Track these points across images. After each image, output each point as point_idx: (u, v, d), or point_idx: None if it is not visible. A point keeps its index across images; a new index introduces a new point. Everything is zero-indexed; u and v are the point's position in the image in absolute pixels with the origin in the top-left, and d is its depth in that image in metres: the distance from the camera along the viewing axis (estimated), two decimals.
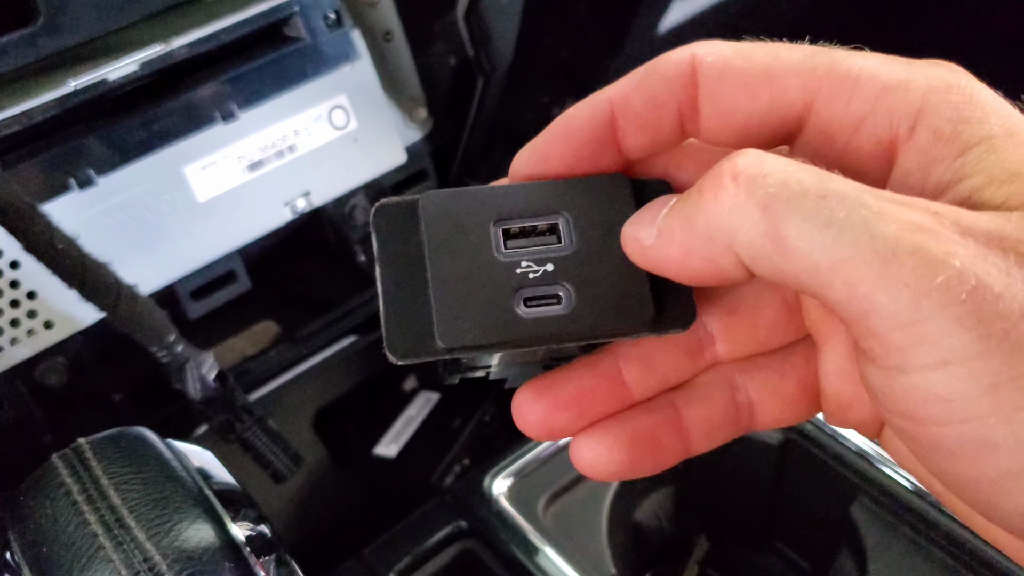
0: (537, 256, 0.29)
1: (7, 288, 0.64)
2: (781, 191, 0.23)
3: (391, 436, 0.96)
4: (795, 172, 0.24)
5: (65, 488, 0.40)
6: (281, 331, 0.82)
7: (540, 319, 0.28)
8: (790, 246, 0.23)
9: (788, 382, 0.32)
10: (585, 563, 0.68)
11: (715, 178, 0.25)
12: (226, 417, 0.68)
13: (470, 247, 0.28)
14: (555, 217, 0.29)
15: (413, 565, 0.70)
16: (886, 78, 0.26)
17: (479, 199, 0.29)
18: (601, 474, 0.30)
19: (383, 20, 0.82)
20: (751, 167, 0.24)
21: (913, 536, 0.68)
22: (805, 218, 0.23)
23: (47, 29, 0.63)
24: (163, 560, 0.37)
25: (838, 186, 0.23)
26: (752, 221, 0.23)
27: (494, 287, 0.28)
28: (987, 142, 0.25)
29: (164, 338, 0.63)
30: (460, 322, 0.28)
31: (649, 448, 0.30)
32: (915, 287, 0.21)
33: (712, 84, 0.28)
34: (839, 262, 0.22)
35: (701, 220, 0.25)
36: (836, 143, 0.28)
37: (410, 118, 0.85)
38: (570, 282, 0.28)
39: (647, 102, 0.29)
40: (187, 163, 0.71)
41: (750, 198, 0.24)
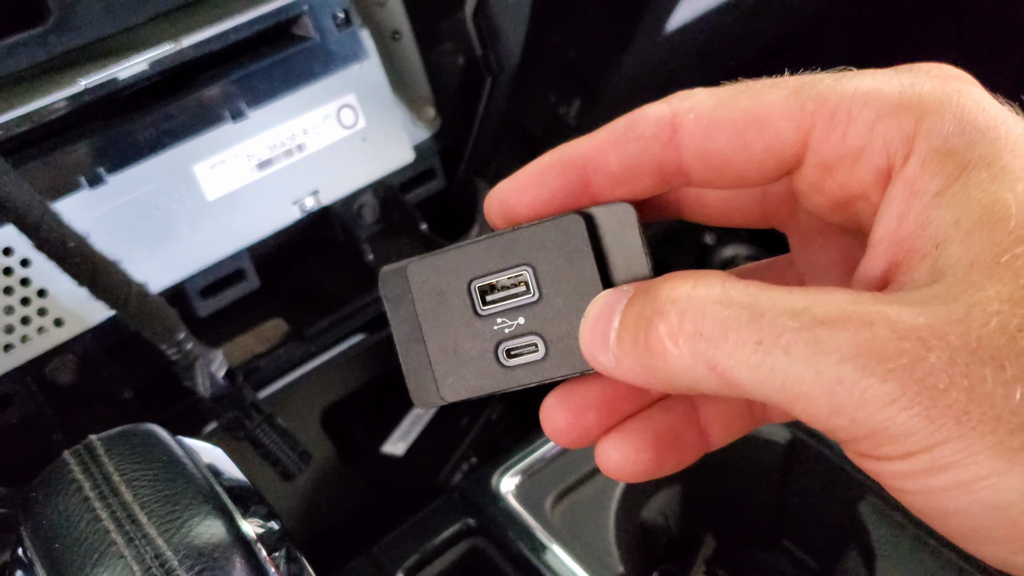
0: (511, 308, 0.31)
1: (18, 286, 0.65)
2: (721, 343, 0.24)
3: (399, 434, 0.97)
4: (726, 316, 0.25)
5: (77, 484, 0.41)
6: (290, 329, 0.82)
7: (523, 366, 0.31)
8: (748, 391, 0.25)
9: None
10: (592, 561, 0.68)
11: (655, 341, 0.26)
12: (235, 414, 0.69)
13: (453, 310, 0.32)
14: (521, 269, 0.31)
15: (421, 562, 0.70)
16: (878, 105, 0.26)
17: (456, 260, 0.32)
18: (629, 475, 0.31)
19: (392, 19, 0.82)
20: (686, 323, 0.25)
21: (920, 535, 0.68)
22: (751, 369, 0.24)
23: (57, 28, 0.63)
24: (174, 556, 0.37)
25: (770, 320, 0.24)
26: (704, 376, 0.25)
27: (478, 345, 0.32)
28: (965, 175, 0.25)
29: (174, 336, 0.63)
30: (456, 379, 0.32)
31: (673, 446, 0.31)
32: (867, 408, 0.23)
33: (699, 142, 0.28)
34: (793, 398, 0.24)
35: (658, 373, 0.26)
36: (836, 174, 0.28)
37: (418, 117, 0.85)
38: (541, 330, 0.31)
39: (623, 162, 0.29)
40: (196, 162, 0.71)
41: (696, 360, 0.25)
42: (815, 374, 0.23)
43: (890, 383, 0.23)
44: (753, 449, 0.76)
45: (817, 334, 0.24)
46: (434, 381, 0.32)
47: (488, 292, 0.31)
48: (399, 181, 0.85)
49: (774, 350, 0.24)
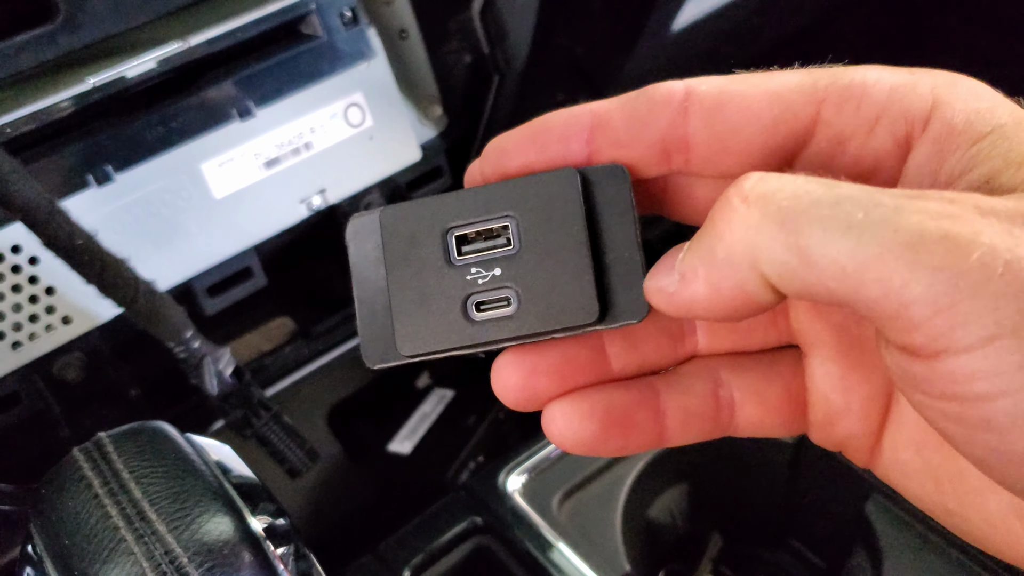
0: (487, 259, 0.29)
1: (26, 283, 0.65)
2: (794, 203, 0.23)
3: (405, 433, 0.97)
4: (803, 184, 0.24)
5: (86, 481, 0.41)
6: (297, 327, 0.82)
7: (491, 321, 0.29)
8: (814, 256, 0.23)
9: (773, 387, 0.31)
10: (599, 560, 0.68)
11: (725, 205, 0.25)
12: (242, 412, 0.69)
13: (424, 257, 0.30)
14: (504, 219, 0.29)
15: (428, 560, 0.70)
16: (891, 81, 0.27)
17: (434, 208, 0.30)
18: (569, 443, 0.30)
19: (399, 18, 0.82)
20: (758, 185, 0.24)
21: (927, 534, 0.68)
22: (824, 225, 0.23)
23: (66, 26, 0.64)
24: (184, 553, 0.38)
25: (849, 190, 0.23)
26: (772, 238, 0.23)
27: (446, 295, 0.30)
28: (999, 130, 0.25)
29: (181, 334, 0.63)
30: (417, 332, 0.29)
31: (622, 425, 0.30)
32: (949, 270, 0.21)
33: (709, 111, 0.28)
34: (867, 261, 0.22)
35: (720, 249, 0.24)
36: (848, 148, 0.27)
37: (425, 116, 0.86)
38: (517, 284, 0.29)
39: (628, 120, 0.29)
40: (204, 160, 0.71)
41: (765, 216, 0.23)
42: (895, 231, 0.22)
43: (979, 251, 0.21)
44: (760, 448, 0.76)
45: (900, 203, 0.22)
46: (392, 336, 0.30)
47: (465, 242, 0.30)
48: (406, 180, 0.85)
49: (853, 209, 0.22)
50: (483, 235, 0.30)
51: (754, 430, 0.31)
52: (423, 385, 1.02)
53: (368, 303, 0.30)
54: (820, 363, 0.30)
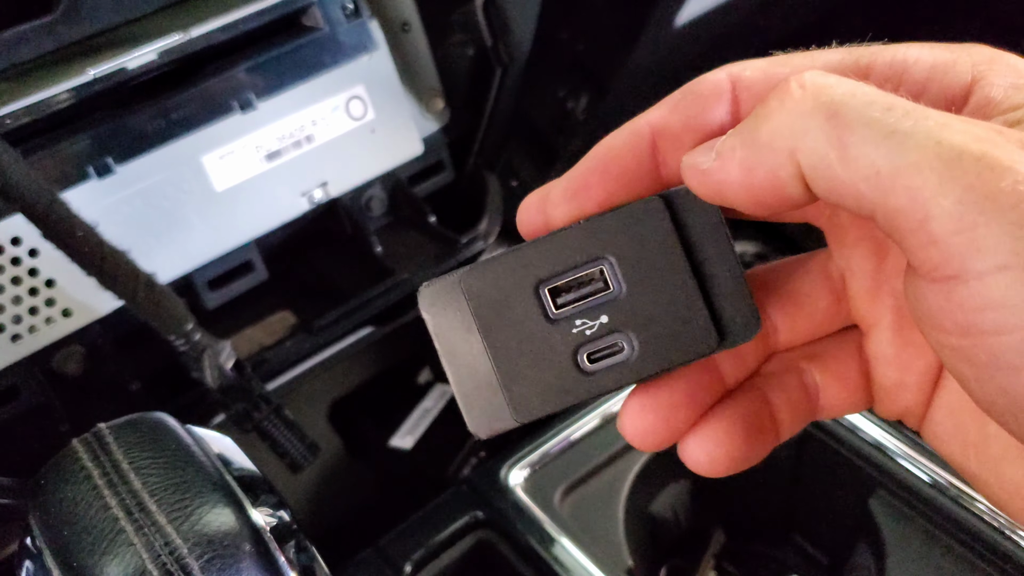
0: (590, 307, 0.29)
1: (26, 276, 0.65)
2: (848, 100, 0.23)
3: (407, 428, 0.96)
4: (860, 85, 0.24)
5: (86, 472, 0.40)
6: (298, 321, 0.82)
7: (607, 370, 0.29)
8: (853, 152, 0.23)
9: (848, 365, 0.32)
10: (601, 555, 0.68)
11: (780, 89, 0.25)
12: (243, 406, 0.68)
13: (520, 317, 0.29)
14: (598, 263, 0.28)
15: (429, 555, 0.70)
16: (932, 58, 0.27)
17: (517, 263, 0.29)
18: (721, 466, 0.30)
19: (401, 10, 0.82)
20: (819, 78, 0.24)
21: (931, 529, 0.67)
22: (870, 125, 0.23)
23: (66, 18, 0.63)
24: (184, 544, 0.37)
25: (902, 100, 0.23)
26: (818, 126, 0.24)
27: (554, 352, 0.29)
28: None
29: (182, 327, 0.63)
30: (530, 395, 0.29)
31: (759, 432, 0.30)
32: (979, 190, 0.21)
33: (759, 95, 0.28)
34: (902, 167, 0.22)
35: (765, 129, 0.25)
36: None
37: (427, 109, 0.85)
38: (629, 328, 0.28)
39: (686, 123, 0.29)
40: (205, 152, 0.71)
41: (817, 104, 0.24)
42: (936, 143, 0.22)
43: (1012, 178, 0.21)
44: None
45: (948, 119, 0.23)
46: (505, 402, 0.29)
47: (559, 294, 0.29)
48: (408, 173, 0.84)
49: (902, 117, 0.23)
50: (578, 284, 0.29)
51: (838, 409, 0.32)
52: (424, 381, 1.02)
53: (463, 372, 0.29)
54: (878, 342, 0.31)
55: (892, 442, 0.71)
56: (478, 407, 0.29)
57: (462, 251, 0.84)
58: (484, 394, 0.29)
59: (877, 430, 0.71)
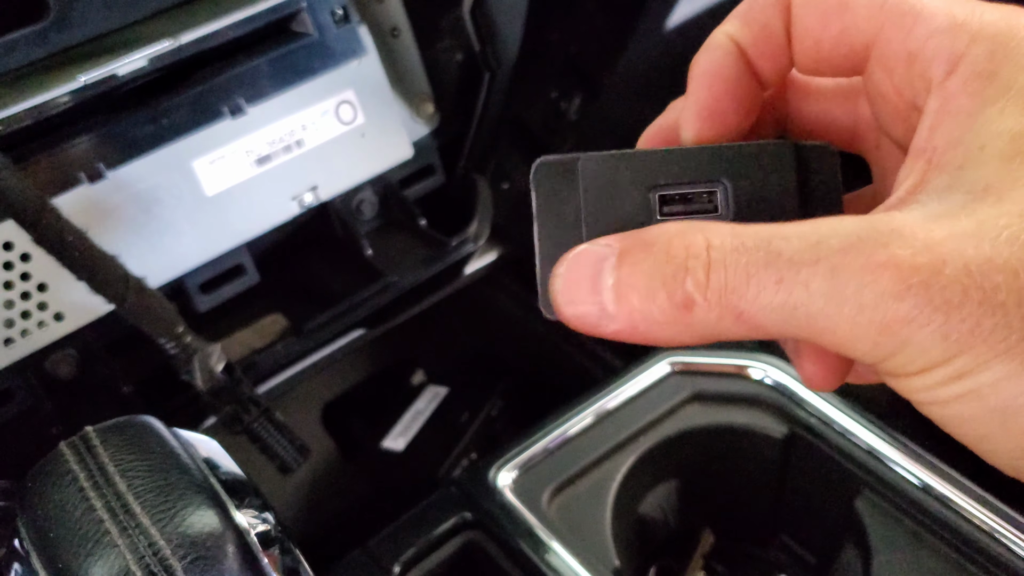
0: None
1: (18, 280, 0.65)
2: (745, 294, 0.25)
3: (399, 430, 0.97)
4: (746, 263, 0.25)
5: (72, 475, 0.41)
6: (289, 324, 0.82)
7: None
8: (771, 332, 0.26)
9: None
10: (589, 555, 0.68)
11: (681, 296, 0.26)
12: (233, 408, 0.69)
13: (626, 212, 0.29)
14: (714, 184, 0.29)
15: (418, 556, 0.70)
16: (943, 19, 0.28)
17: (639, 163, 0.29)
18: None
19: (390, 15, 0.82)
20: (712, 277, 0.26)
21: (917, 530, 0.68)
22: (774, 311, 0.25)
23: (57, 24, 0.64)
24: (167, 545, 0.38)
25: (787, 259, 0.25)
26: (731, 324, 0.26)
27: None
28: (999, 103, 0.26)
29: (173, 330, 0.64)
30: None
31: None
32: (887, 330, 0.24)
33: (798, 10, 0.30)
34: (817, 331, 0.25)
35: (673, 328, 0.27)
36: (894, 76, 0.29)
37: (417, 113, 0.86)
38: None
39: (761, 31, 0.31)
40: (195, 157, 0.71)
41: (724, 311, 0.26)
42: (836, 305, 0.24)
43: (907, 302, 0.24)
44: (751, 444, 0.76)
45: (834, 264, 0.24)
46: None
47: (668, 202, 0.29)
48: (398, 177, 0.85)
49: (795, 288, 0.25)
50: (689, 198, 0.29)
51: None
52: (417, 382, 1.02)
53: (551, 252, 0.29)
54: None
55: (879, 443, 0.71)
56: None
57: (452, 253, 0.85)
58: None
59: (864, 431, 0.72)
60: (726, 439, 0.76)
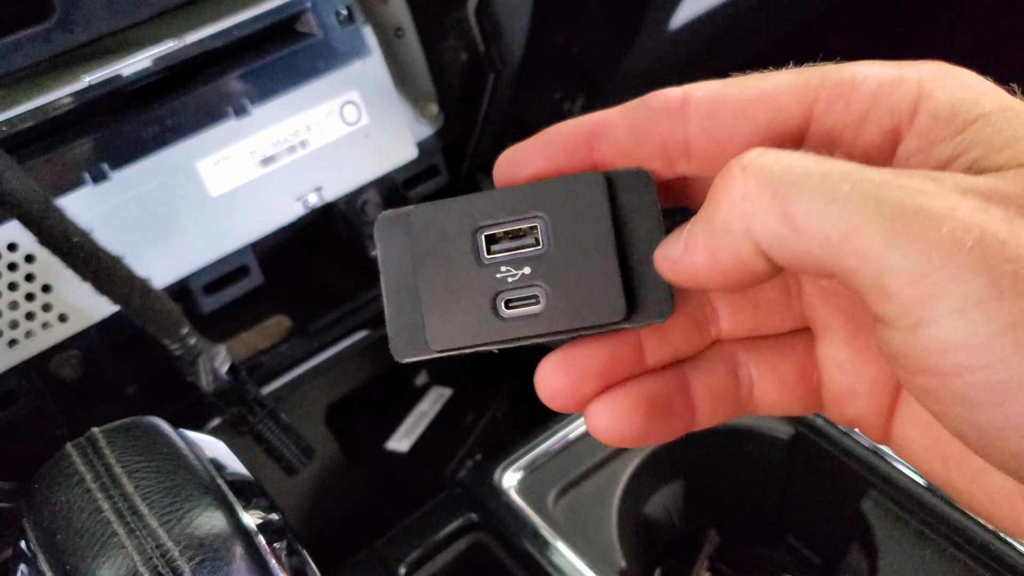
0: (516, 258, 0.30)
1: (22, 281, 0.65)
2: (787, 174, 0.24)
3: (403, 431, 0.97)
4: (798, 158, 0.25)
5: (79, 476, 0.41)
6: (293, 325, 0.82)
7: (520, 319, 0.30)
8: (801, 224, 0.24)
9: (787, 364, 0.32)
10: (595, 557, 0.68)
11: (725, 175, 0.26)
12: (238, 410, 0.69)
13: (454, 255, 0.30)
14: (533, 220, 0.30)
15: (424, 557, 0.70)
16: (879, 76, 0.27)
17: (463, 207, 0.31)
18: (617, 437, 0.31)
19: (394, 16, 0.82)
20: (757, 159, 0.25)
21: (923, 530, 0.68)
22: (812, 195, 0.24)
23: (61, 25, 0.64)
24: (175, 547, 0.38)
25: (839, 166, 0.24)
26: (764, 205, 0.25)
27: (476, 292, 0.30)
28: (983, 119, 0.26)
29: (177, 331, 0.64)
30: (447, 327, 0.30)
31: (663, 414, 0.31)
32: (923, 241, 0.22)
33: (706, 116, 0.29)
34: (849, 231, 0.23)
35: (718, 216, 0.26)
36: (841, 143, 0.28)
37: (421, 114, 0.86)
38: (546, 282, 0.30)
39: (630, 129, 0.30)
40: (200, 158, 0.71)
41: (759, 185, 0.25)
42: (876, 203, 0.23)
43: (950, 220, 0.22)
44: (756, 445, 0.76)
45: (885, 177, 0.24)
46: (422, 330, 0.31)
47: (493, 241, 0.30)
48: (403, 178, 0.85)
49: (839, 182, 0.24)
50: (512, 235, 0.30)
51: (771, 407, 0.33)
52: (421, 383, 1.02)
53: (397, 298, 0.31)
54: (829, 346, 0.31)
55: None
56: (402, 332, 0.31)
57: None
58: (409, 322, 0.31)
59: None
60: (731, 440, 0.76)
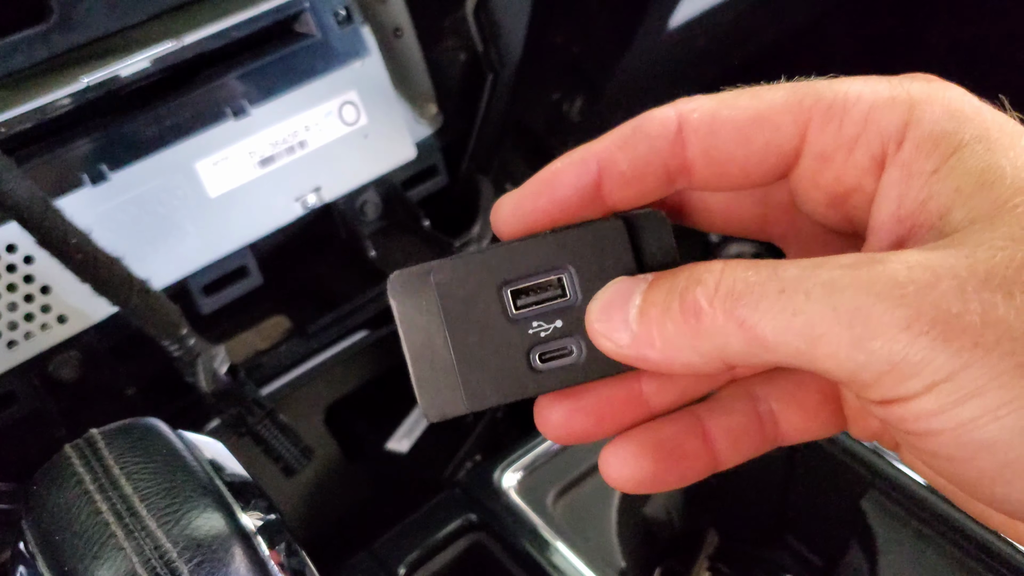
0: (546, 311, 0.31)
1: (21, 283, 0.65)
2: (749, 301, 0.25)
3: (403, 431, 0.97)
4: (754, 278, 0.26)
5: (77, 478, 0.41)
6: (292, 326, 0.82)
7: (555, 370, 0.31)
8: (771, 344, 0.25)
9: (806, 391, 0.32)
10: (595, 557, 0.68)
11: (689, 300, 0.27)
12: (237, 410, 0.69)
13: (483, 312, 0.31)
14: (559, 272, 0.31)
15: (423, 558, 0.70)
16: (872, 98, 0.28)
17: (486, 263, 0.31)
18: (629, 484, 0.31)
19: (393, 16, 0.82)
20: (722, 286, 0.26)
21: (923, 530, 0.68)
22: (775, 316, 0.25)
23: (60, 26, 0.64)
24: (173, 548, 0.38)
25: (790, 272, 0.25)
26: (735, 335, 0.26)
27: (510, 349, 0.31)
28: (959, 152, 0.26)
29: (176, 332, 0.63)
30: (483, 385, 0.31)
31: (674, 457, 0.31)
32: (884, 337, 0.24)
33: (703, 139, 0.29)
34: (814, 341, 0.25)
35: (685, 341, 0.27)
36: (833, 164, 0.29)
37: (420, 114, 0.86)
38: (580, 334, 0.31)
39: (632, 161, 0.30)
40: (198, 159, 0.71)
41: (728, 319, 0.26)
42: (833, 310, 0.24)
43: (904, 308, 0.23)
44: None
45: (834, 276, 0.25)
46: (458, 389, 0.31)
47: (520, 296, 0.31)
48: (401, 178, 0.85)
49: (795, 295, 0.25)
50: (539, 288, 0.31)
51: (801, 435, 0.33)
52: None
53: (423, 357, 0.31)
54: None
55: None
56: (433, 391, 0.31)
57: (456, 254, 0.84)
58: (440, 380, 0.31)
59: None
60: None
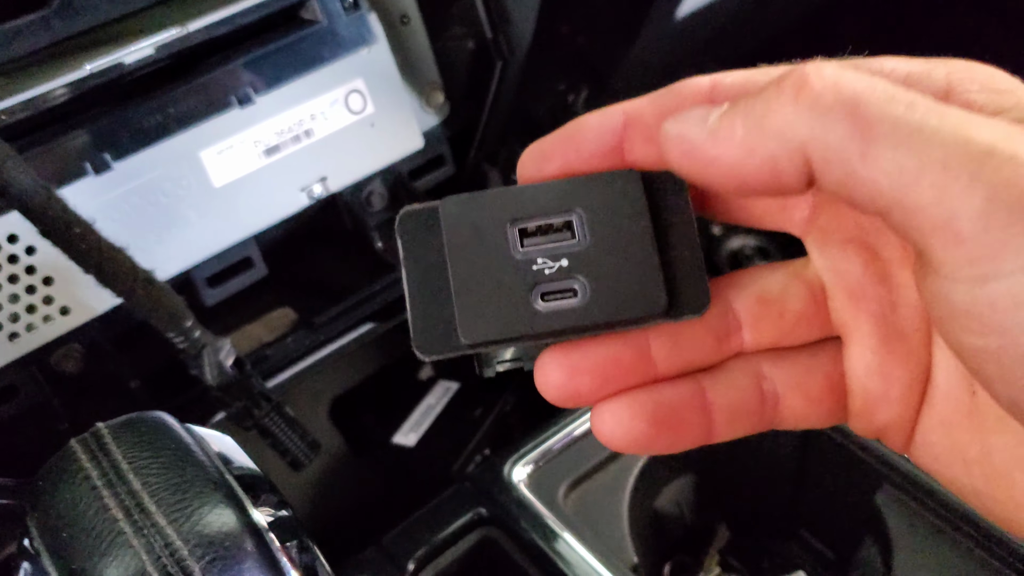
0: (552, 252, 0.30)
1: (23, 274, 0.64)
2: (869, 95, 0.23)
3: (410, 425, 0.96)
4: (880, 81, 0.23)
5: (84, 473, 0.40)
6: (298, 318, 0.81)
7: (557, 312, 0.30)
8: (877, 149, 0.22)
9: (814, 378, 0.31)
10: (606, 551, 0.67)
11: (798, 77, 0.24)
12: (243, 403, 0.68)
13: (488, 248, 0.30)
14: (569, 215, 0.30)
15: (433, 552, 0.69)
16: (907, 68, 0.26)
17: (496, 201, 0.30)
18: (619, 443, 0.30)
19: (400, 3, 0.81)
20: (838, 72, 0.24)
21: (938, 523, 0.67)
22: (894, 122, 0.22)
23: (61, 12, 0.63)
24: (184, 545, 0.37)
25: (923, 98, 0.23)
26: (838, 121, 0.23)
27: (512, 284, 0.30)
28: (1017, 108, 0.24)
29: (181, 324, 0.62)
30: (480, 319, 0.29)
31: (670, 423, 0.30)
32: (1011, 188, 0.21)
33: None
34: (929, 164, 0.22)
35: (776, 118, 0.24)
36: None
37: (427, 103, 0.84)
38: (584, 275, 0.30)
39: (659, 116, 0.29)
40: (203, 148, 0.70)
41: (838, 99, 0.23)
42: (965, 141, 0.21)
43: None
44: (768, 439, 0.76)
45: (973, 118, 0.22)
46: (450, 325, 0.30)
47: (528, 234, 0.30)
48: (408, 168, 0.84)
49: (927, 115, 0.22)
50: (547, 229, 0.30)
51: (797, 422, 0.32)
52: (427, 377, 1.01)
53: (420, 294, 0.30)
54: (859, 352, 0.30)
55: None
56: (427, 328, 0.30)
57: None
58: (435, 318, 0.30)
59: None
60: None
